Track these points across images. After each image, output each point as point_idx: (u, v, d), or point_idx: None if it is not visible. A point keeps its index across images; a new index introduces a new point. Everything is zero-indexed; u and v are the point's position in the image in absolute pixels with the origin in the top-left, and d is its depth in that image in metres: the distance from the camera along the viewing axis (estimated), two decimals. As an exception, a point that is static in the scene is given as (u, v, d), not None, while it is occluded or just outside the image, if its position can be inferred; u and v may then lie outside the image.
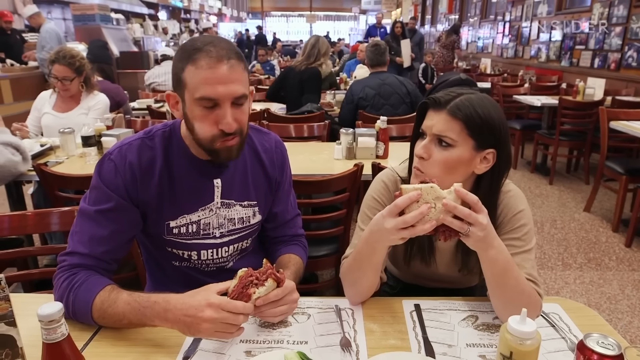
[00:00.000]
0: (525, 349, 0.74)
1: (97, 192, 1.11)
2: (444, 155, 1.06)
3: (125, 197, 1.11)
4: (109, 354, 0.97)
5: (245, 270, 1.00)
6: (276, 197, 1.33)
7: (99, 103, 2.92)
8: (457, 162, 1.07)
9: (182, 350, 0.97)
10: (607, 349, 0.78)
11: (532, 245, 1.14)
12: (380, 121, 2.53)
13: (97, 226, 1.09)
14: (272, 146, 1.31)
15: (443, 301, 1.17)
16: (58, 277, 1.06)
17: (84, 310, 1.00)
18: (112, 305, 0.99)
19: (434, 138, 1.07)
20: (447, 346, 1.00)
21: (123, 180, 1.10)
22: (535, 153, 5.18)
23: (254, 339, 1.02)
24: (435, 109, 1.07)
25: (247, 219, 1.27)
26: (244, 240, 1.30)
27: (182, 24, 15.50)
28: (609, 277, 2.98)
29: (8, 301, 0.84)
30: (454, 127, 1.05)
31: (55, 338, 0.74)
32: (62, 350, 0.75)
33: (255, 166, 1.27)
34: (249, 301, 0.97)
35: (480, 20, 10.99)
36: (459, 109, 1.04)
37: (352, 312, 1.12)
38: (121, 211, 1.11)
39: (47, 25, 6.28)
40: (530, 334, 0.74)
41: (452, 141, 1.05)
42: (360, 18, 26.11)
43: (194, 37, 1.11)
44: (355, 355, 0.96)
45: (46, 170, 2.02)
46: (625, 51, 5.72)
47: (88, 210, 1.10)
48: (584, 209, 4.06)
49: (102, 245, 1.09)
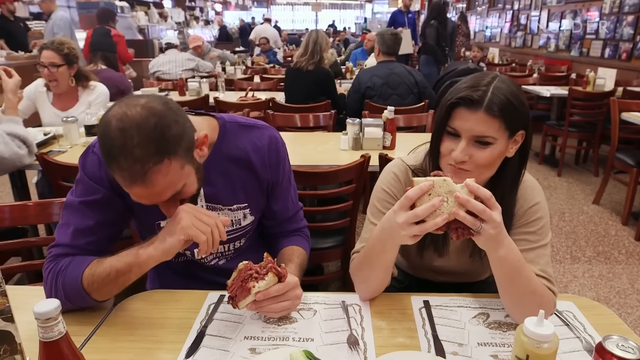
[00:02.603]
0: (542, 352, 0.71)
1: (82, 185, 1.09)
2: (485, 154, 1.01)
3: (110, 189, 1.08)
4: (110, 350, 0.94)
5: (245, 264, 0.97)
6: (273, 195, 1.28)
7: (99, 96, 2.82)
8: (498, 157, 1.04)
9: (184, 347, 0.95)
10: (628, 352, 0.75)
11: (548, 240, 1.10)
12: (388, 111, 2.48)
13: (82, 217, 1.07)
14: (264, 144, 1.22)
15: (453, 298, 1.14)
16: (45, 268, 1.05)
17: (74, 285, 0.99)
18: (99, 267, 0.99)
19: (471, 139, 1.01)
20: (458, 345, 0.97)
21: (107, 173, 1.05)
22: (543, 144, 5.11)
23: (258, 335, 0.99)
24: (471, 109, 1.00)
25: (238, 221, 1.23)
26: (236, 240, 1.27)
27: (187, 12, 15.38)
28: (618, 271, 2.94)
29: (5, 296, 0.81)
30: (493, 125, 0.99)
31: (52, 336, 0.71)
32: (60, 348, 0.72)
33: (242, 170, 1.20)
34: (248, 295, 0.94)
35: (488, 9, 10.83)
36: (495, 104, 0.98)
37: (359, 308, 1.09)
38: (106, 203, 1.09)
39: (60, 12, 6.15)
40: (548, 337, 0.71)
41: (493, 139, 1.00)
42: (366, 7, 25.86)
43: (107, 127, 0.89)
44: (363, 354, 0.93)
45: (49, 159, 2.00)
46: (638, 40, 5.62)
47: (73, 202, 1.08)
48: (592, 202, 4.00)
49: (86, 236, 1.07)
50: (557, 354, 0.93)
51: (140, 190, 0.91)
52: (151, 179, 0.89)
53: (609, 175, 3.84)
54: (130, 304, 1.10)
